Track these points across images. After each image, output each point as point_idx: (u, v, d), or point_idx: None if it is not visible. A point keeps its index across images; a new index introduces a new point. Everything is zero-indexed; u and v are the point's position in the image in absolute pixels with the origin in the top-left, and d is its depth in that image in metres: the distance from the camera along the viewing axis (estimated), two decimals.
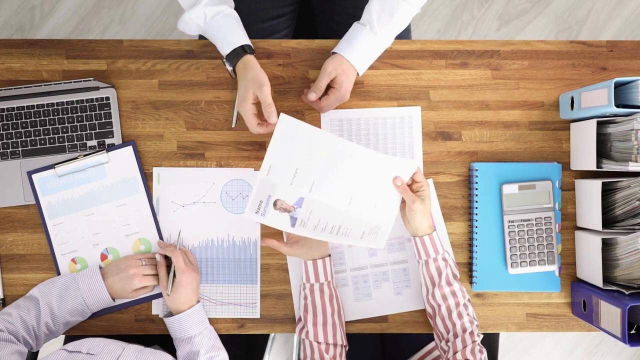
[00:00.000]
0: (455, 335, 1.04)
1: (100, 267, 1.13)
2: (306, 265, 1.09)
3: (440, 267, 1.08)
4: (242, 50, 1.09)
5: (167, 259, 1.14)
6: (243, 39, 1.11)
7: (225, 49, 1.10)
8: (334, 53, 1.13)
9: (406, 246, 1.18)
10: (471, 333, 1.03)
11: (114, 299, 1.12)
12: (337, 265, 1.18)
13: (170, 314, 1.12)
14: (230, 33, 1.10)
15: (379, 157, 1.07)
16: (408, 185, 1.10)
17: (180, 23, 1.14)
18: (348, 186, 1.04)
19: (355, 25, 1.13)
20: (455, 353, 1.02)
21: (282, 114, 1.01)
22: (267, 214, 1.01)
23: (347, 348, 1.10)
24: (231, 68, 1.11)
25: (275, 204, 1.00)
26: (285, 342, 1.96)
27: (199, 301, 1.14)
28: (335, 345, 1.07)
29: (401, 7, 1.09)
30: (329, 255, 1.12)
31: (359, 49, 1.11)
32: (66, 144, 1.17)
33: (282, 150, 1.01)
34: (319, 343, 1.06)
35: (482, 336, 1.04)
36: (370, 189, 1.06)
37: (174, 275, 1.11)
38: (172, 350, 1.22)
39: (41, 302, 1.06)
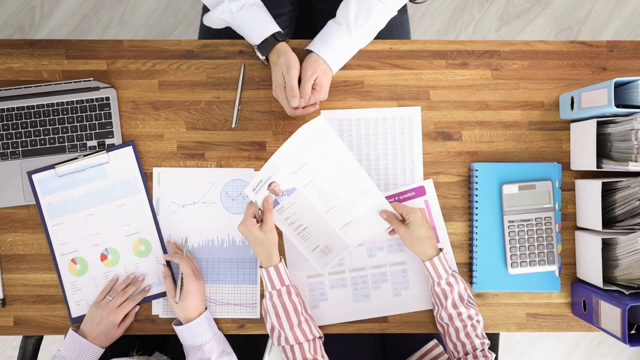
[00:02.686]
0: (466, 353, 1.05)
1: (75, 330, 1.11)
2: (269, 273, 1.07)
3: (445, 291, 1.09)
4: (273, 39, 1.12)
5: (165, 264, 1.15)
6: (272, 27, 1.13)
7: (255, 41, 1.13)
8: (308, 51, 1.14)
9: (405, 248, 1.18)
10: (482, 350, 1.05)
11: (104, 347, 1.11)
12: (336, 266, 1.18)
13: (179, 322, 1.12)
14: (258, 24, 1.12)
15: (379, 196, 1.11)
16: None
17: (206, 20, 1.16)
18: (335, 198, 1.10)
19: (330, 23, 1.14)
20: None
21: (322, 117, 1.06)
22: (259, 193, 1.07)
23: (322, 338, 1.10)
24: (263, 57, 1.14)
25: (270, 185, 1.06)
26: None
27: (206, 308, 1.14)
28: (314, 339, 1.07)
29: (377, 8, 1.10)
30: (282, 259, 1.10)
31: (334, 48, 1.12)
32: (66, 144, 1.17)
33: (302, 143, 1.05)
34: (300, 344, 1.06)
35: (493, 355, 1.05)
36: (351, 212, 1.11)
37: (182, 284, 1.11)
38: (173, 349, 1.22)
39: None
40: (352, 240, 1.14)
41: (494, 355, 1.05)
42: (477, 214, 1.17)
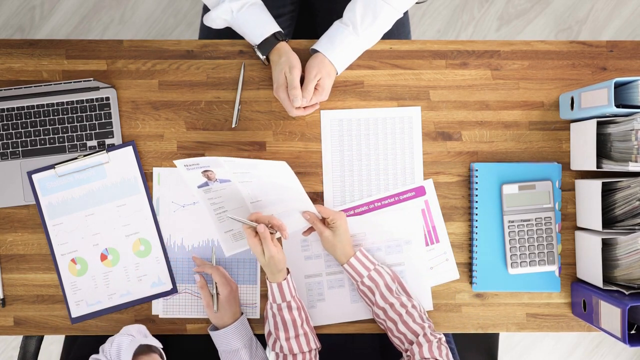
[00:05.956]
0: (411, 342, 1.04)
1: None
2: (271, 287, 1.07)
3: (370, 287, 1.10)
4: (274, 39, 1.12)
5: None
6: (272, 27, 1.13)
7: (255, 40, 1.13)
8: (314, 50, 1.14)
9: (403, 249, 1.18)
10: (424, 335, 1.03)
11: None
12: (334, 266, 1.18)
13: (215, 327, 1.13)
14: (258, 24, 1.12)
15: (307, 201, 1.13)
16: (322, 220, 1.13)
17: (206, 20, 1.15)
18: (262, 194, 1.09)
19: (337, 23, 1.14)
20: (414, 355, 1.01)
21: (286, 164, 1.13)
22: (191, 172, 1.04)
23: (319, 348, 1.11)
24: (264, 57, 1.14)
25: (205, 171, 1.04)
26: None
27: (242, 313, 1.14)
28: (310, 351, 1.08)
29: (385, 10, 1.10)
30: (289, 273, 1.10)
31: (340, 48, 1.12)
32: (66, 144, 1.17)
33: (255, 165, 1.07)
34: (294, 355, 1.07)
35: (441, 335, 1.04)
36: (274, 207, 1.10)
37: (217, 292, 1.12)
38: (173, 349, 1.22)
39: None
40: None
41: (440, 337, 1.03)
42: (477, 214, 1.17)
